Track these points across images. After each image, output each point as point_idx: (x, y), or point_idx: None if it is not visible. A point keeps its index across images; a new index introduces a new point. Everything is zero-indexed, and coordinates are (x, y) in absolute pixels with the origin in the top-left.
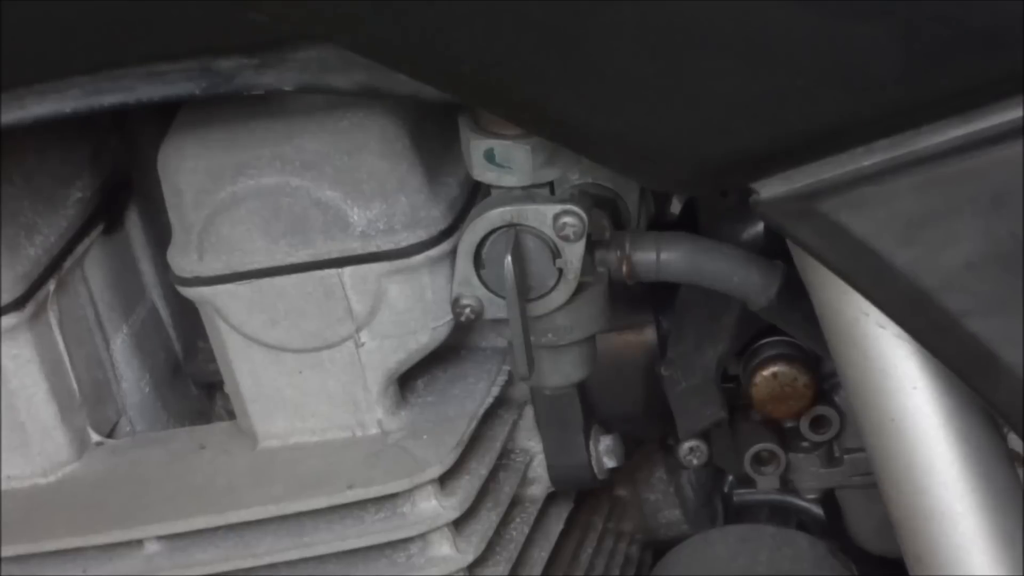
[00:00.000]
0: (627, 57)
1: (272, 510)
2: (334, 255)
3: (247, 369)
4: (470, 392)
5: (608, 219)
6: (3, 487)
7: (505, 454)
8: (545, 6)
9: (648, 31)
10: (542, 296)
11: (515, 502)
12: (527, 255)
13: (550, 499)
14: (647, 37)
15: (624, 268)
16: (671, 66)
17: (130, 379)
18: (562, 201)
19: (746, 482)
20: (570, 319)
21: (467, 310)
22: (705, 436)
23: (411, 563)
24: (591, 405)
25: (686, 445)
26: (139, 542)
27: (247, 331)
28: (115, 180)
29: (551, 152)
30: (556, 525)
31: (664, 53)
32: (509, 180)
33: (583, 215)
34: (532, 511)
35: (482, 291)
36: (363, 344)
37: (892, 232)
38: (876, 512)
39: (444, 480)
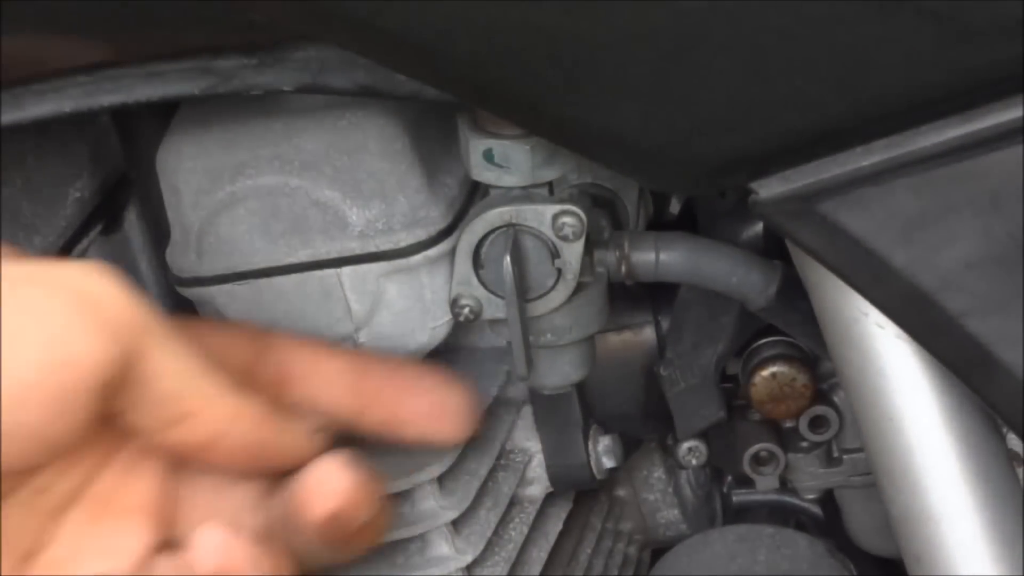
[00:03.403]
0: (626, 57)
1: None
2: (333, 255)
3: None
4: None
5: (607, 219)
6: None
7: (504, 454)
8: (544, 6)
9: (647, 30)
10: (541, 296)
11: (514, 502)
12: (526, 255)
13: (549, 499)
14: (646, 36)
15: (623, 268)
16: (670, 65)
17: None
18: (561, 201)
19: (745, 482)
20: (569, 319)
21: (466, 310)
22: (704, 436)
23: (409, 563)
24: (590, 405)
25: (685, 445)
26: None
27: None
28: (114, 180)
29: (550, 152)
30: (555, 525)
31: (663, 52)
32: (508, 180)
33: (582, 215)
34: (531, 511)
35: (481, 291)
36: (362, 344)
37: (891, 232)
38: (875, 512)
39: (443, 480)
